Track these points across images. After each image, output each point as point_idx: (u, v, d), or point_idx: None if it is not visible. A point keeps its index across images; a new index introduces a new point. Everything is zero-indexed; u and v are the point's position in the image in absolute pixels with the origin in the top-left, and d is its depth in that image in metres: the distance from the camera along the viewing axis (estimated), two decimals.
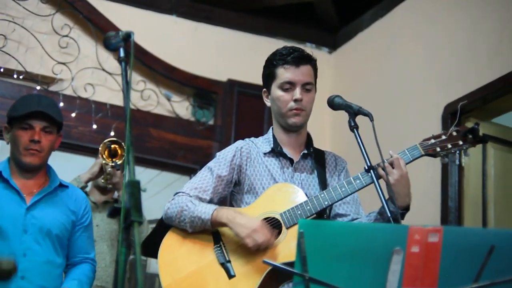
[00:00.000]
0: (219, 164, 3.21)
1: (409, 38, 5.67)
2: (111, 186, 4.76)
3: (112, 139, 4.74)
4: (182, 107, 6.11)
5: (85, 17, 5.83)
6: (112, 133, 5.59)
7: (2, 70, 5.57)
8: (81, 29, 5.91)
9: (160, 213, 3.23)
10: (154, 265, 3.46)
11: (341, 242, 2.13)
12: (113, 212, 2.18)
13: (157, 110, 6.02)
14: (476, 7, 4.97)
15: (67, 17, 5.86)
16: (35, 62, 5.69)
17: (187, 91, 6.16)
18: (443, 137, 3.05)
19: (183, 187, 3.22)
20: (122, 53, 2.59)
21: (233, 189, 3.26)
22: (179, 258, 3.09)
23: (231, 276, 2.97)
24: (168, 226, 3.20)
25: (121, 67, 2.54)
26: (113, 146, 4.67)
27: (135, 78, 5.88)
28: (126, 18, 6.02)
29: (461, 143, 3.04)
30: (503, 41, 4.68)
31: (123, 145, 4.58)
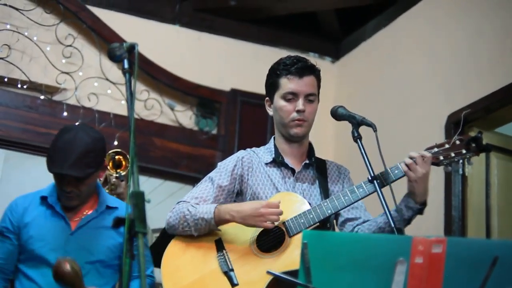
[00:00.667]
0: (220, 174, 3.22)
1: (411, 47, 5.68)
2: (115, 197, 4.75)
3: (116, 150, 4.74)
4: (185, 117, 6.12)
5: (88, 27, 5.85)
6: (115, 143, 5.59)
7: (6, 79, 5.59)
8: (84, 39, 5.92)
9: (163, 222, 3.22)
10: (157, 275, 3.42)
11: (344, 252, 2.13)
12: (117, 223, 2.19)
13: (161, 119, 6.03)
14: (479, 16, 4.98)
15: (70, 27, 5.88)
16: (39, 71, 5.71)
17: (191, 101, 6.18)
18: (446, 145, 3.05)
19: (184, 197, 3.22)
20: (126, 64, 2.60)
21: (235, 199, 3.25)
22: (181, 266, 3.09)
23: (234, 284, 2.97)
24: (171, 235, 3.20)
25: (125, 78, 2.55)
26: (117, 157, 4.66)
27: (139, 87, 5.89)
28: (129, 28, 6.04)
29: (464, 151, 3.04)
30: (506, 51, 4.69)
31: (128, 156, 4.57)
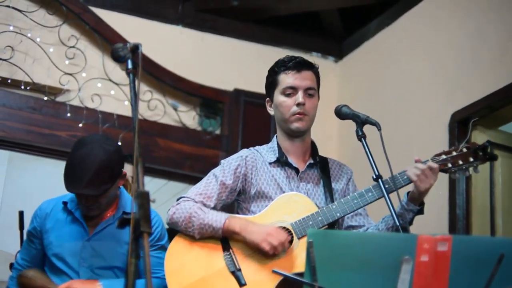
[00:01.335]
0: (224, 171, 3.21)
1: (414, 46, 5.67)
2: None
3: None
4: (188, 117, 6.11)
5: (91, 28, 5.85)
6: (119, 143, 5.59)
7: (9, 81, 5.58)
8: (87, 40, 5.92)
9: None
10: None
11: (350, 251, 2.14)
12: (122, 222, 2.19)
13: (164, 120, 6.02)
14: (481, 15, 4.97)
15: (73, 28, 5.87)
16: (42, 73, 5.70)
17: (194, 101, 6.18)
18: (454, 153, 3.06)
19: (188, 192, 3.20)
20: (130, 65, 2.61)
21: (237, 198, 3.25)
22: (186, 264, 3.07)
23: (242, 284, 2.96)
24: (174, 232, 3.20)
25: (129, 79, 2.55)
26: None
27: (142, 88, 5.88)
28: (132, 28, 6.04)
29: (471, 159, 3.04)
30: (508, 49, 4.68)
31: (130, 160, 4.55)
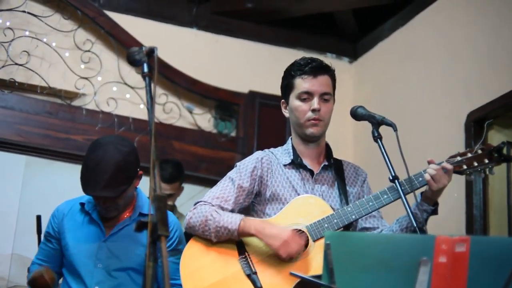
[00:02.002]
0: (240, 174, 3.20)
1: (429, 46, 5.65)
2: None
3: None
4: (204, 120, 6.12)
5: (106, 32, 5.87)
6: (134, 144, 5.62)
7: (26, 86, 5.62)
8: (103, 43, 5.95)
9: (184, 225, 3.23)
10: None
11: (368, 253, 2.13)
12: (140, 226, 2.19)
13: (179, 122, 6.04)
14: (496, 14, 4.95)
15: (89, 32, 5.91)
16: (58, 77, 5.74)
17: (209, 104, 6.18)
18: (469, 154, 3.04)
19: (204, 196, 3.20)
20: (146, 68, 2.62)
21: (253, 200, 3.25)
22: (202, 267, 3.07)
23: (257, 287, 2.96)
24: (190, 236, 3.20)
25: (145, 82, 2.56)
26: None
27: (157, 91, 5.89)
28: (147, 32, 6.06)
29: (487, 161, 3.02)
30: None
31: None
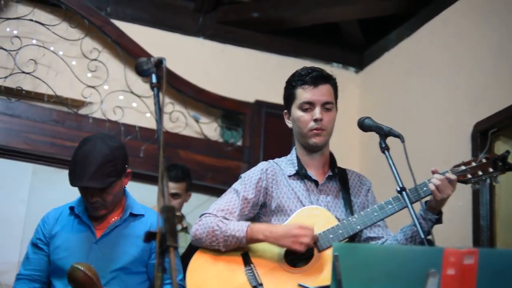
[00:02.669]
0: (245, 186, 3.20)
1: (435, 57, 5.66)
2: None
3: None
4: (210, 129, 6.13)
5: (113, 41, 5.89)
6: (141, 155, 5.64)
7: (32, 94, 5.64)
8: (109, 52, 5.96)
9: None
10: None
11: (376, 264, 2.14)
12: (148, 237, 2.20)
13: (186, 131, 6.04)
14: (502, 26, 4.95)
15: (95, 41, 5.93)
16: (65, 85, 5.75)
17: (215, 113, 6.20)
18: (473, 163, 3.05)
19: (209, 208, 3.20)
20: (154, 79, 2.64)
21: (258, 211, 3.24)
22: (208, 279, 3.07)
23: None
24: (196, 248, 3.20)
25: (153, 93, 2.58)
26: None
27: (164, 100, 5.89)
28: (153, 41, 6.07)
29: (491, 170, 3.03)
30: None
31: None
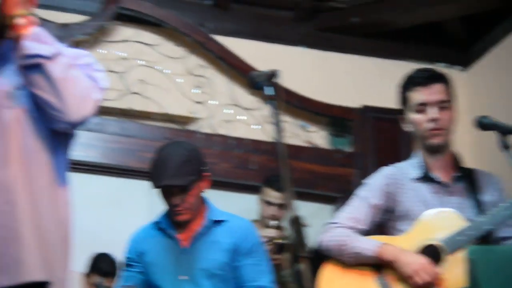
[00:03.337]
0: (372, 192, 3.20)
1: None
2: None
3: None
4: (318, 137, 6.13)
5: (216, 56, 5.98)
6: (250, 167, 5.70)
7: (143, 113, 5.79)
8: (214, 67, 6.04)
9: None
10: None
11: None
12: (278, 248, 2.23)
13: (293, 141, 6.03)
14: None
15: (200, 57, 6.03)
16: (172, 103, 5.87)
17: (322, 120, 6.19)
18: None
19: (337, 217, 3.21)
20: (268, 91, 2.66)
21: (386, 216, 3.23)
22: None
23: None
24: (321, 256, 3.20)
25: (270, 106, 2.61)
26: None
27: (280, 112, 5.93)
28: (255, 53, 6.10)
29: None
30: None
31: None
